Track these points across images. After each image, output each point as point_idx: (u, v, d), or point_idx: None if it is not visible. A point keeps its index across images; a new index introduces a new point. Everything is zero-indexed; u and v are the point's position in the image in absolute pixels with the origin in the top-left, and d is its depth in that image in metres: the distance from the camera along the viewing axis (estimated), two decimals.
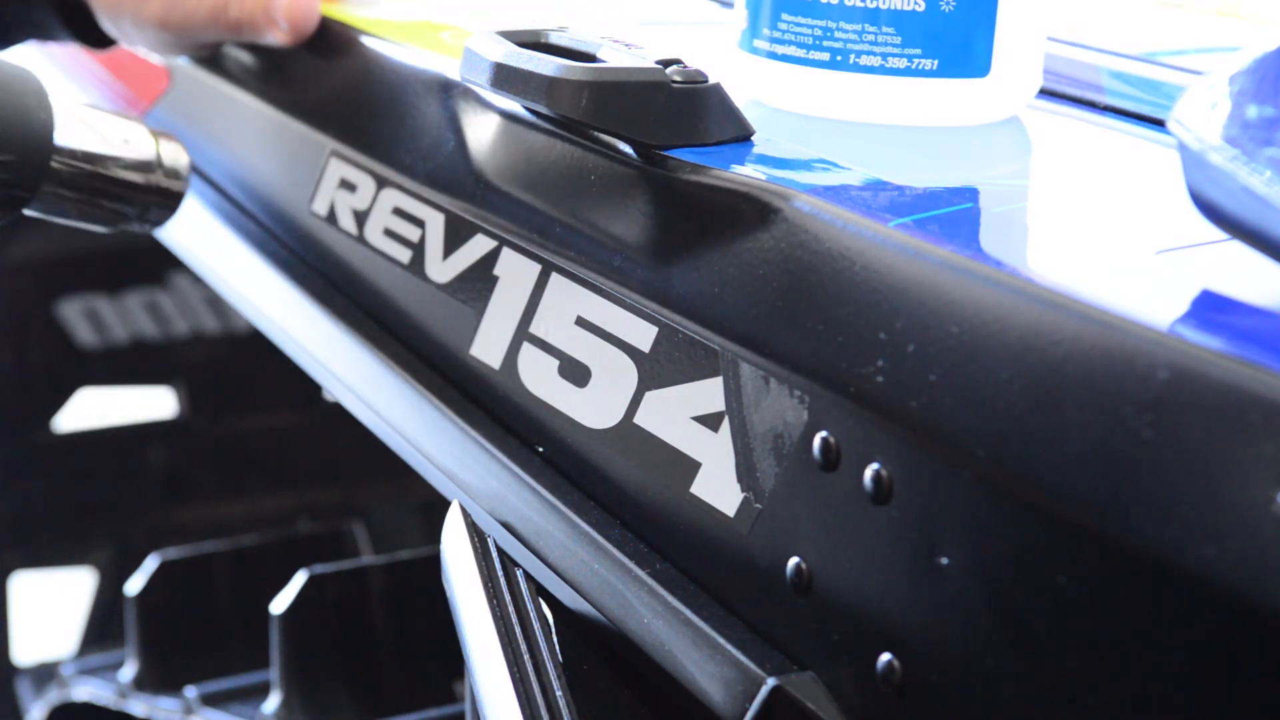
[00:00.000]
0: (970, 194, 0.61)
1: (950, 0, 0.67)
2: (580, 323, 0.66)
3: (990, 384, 0.47)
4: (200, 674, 1.22)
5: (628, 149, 0.65)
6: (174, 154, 0.81)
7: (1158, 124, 0.71)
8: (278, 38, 0.88)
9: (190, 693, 1.19)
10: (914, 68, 0.68)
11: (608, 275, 0.64)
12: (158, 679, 1.27)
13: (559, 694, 0.59)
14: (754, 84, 0.71)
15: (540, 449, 0.68)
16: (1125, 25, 1.04)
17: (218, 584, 1.33)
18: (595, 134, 0.66)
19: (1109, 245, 0.55)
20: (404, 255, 0.78)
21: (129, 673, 1.28)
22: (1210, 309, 0.47)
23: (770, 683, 0.54)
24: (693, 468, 0.59)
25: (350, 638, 1.08)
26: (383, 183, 0.80)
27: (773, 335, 0.56)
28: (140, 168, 0.80)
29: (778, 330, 0.56)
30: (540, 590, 0.65)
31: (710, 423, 0.59)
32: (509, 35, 0.69)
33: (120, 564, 1.57)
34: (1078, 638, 0.45)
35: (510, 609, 0.62)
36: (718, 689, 0.56)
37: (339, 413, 0.94)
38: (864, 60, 0.68)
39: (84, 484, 1.62)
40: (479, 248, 0.72)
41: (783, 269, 0.56)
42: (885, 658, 0.51)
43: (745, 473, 0.57)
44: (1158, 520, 0.42)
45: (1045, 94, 0.76)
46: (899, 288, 0.52)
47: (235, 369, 1.64)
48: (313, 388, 1.50)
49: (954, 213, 0.56)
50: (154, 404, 1.71)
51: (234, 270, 0.95)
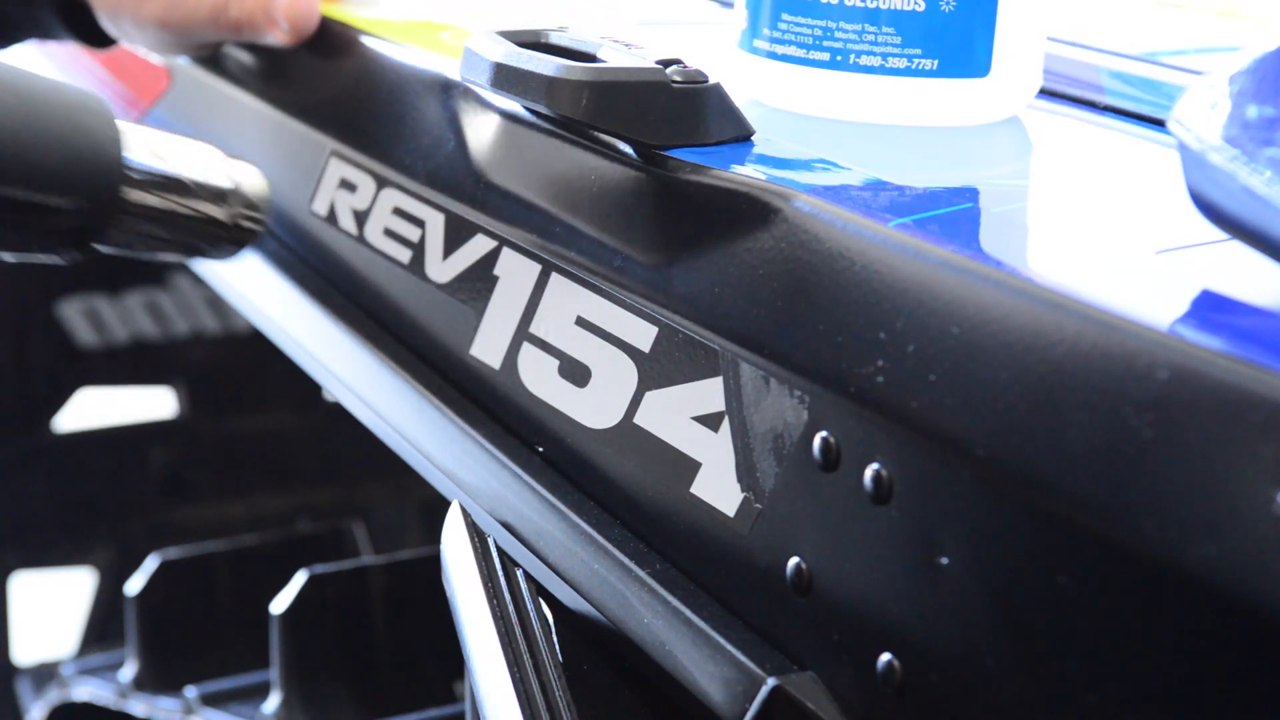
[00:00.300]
0: (970, 194, 0.61)
1: (950, 0, 0.67)
2: (580, 323, 0.66)
3: (990, 384, 0.47)
4: (200, 674, 1.22)
5: (628, 149, 0.65)
6: (251, 182, 0.76)
7: (1158, 124, 0.71)
8: (278, 38, 0.88)
9: (190, 693, 1.19)
10: (914, 68, 0.68)
11: (608, 275, 0.64)
12: (158, 679, 1.27)
13: (559, 694, 0.59)
14: (754, 84, 0.71)
15: (540, 449, 0.68)
16: (1125, 25, 1.04)
17: (218, 584, 1.33)
18: (595, 134, 0.66)
19: (1109, 245, 0.55)
20: (404, 255, 0.78)
21: (129, 673, 1.28)
22: (1210, 309, 0.47)
23: (770, 683, 0.54)
24: (693, 468, 0.59)
25: (350, 638, 1.08)
26: (383, 183, 0.80)
27: (773, 335, 0.56)
28: (216, 198, 0.75)
29: (778, 330, 0.56)
30: (540, 590, 0.65)
31: (710, 423, 0.59)
32: (509, 35, 0.69)
33: (120, 564, 1.57)
34: (1078, 638, 0.45)
35: (510, 609, 0.62)
36: (718, 689, 0.56)
37: (339, 413, 0.94)
38: (864, 60, 0.68)
39: (84, 484, 1.62)
40: (479, 248, 0.72)
41: (783, 269, 0.56)
42: (885, 658, 0.51)
43: (745, 473, 0.57)
44: (1158, 520, 0.42)
45: (1045, 94, 0.76)
46: (899, 288, 0.52)
47: (235, 369, 1.64)
48: (313, 388, 1.50)
49: (954, 213, 0.56)
50: (154, 404, 1.71)
51: (234, 270, 0.95)
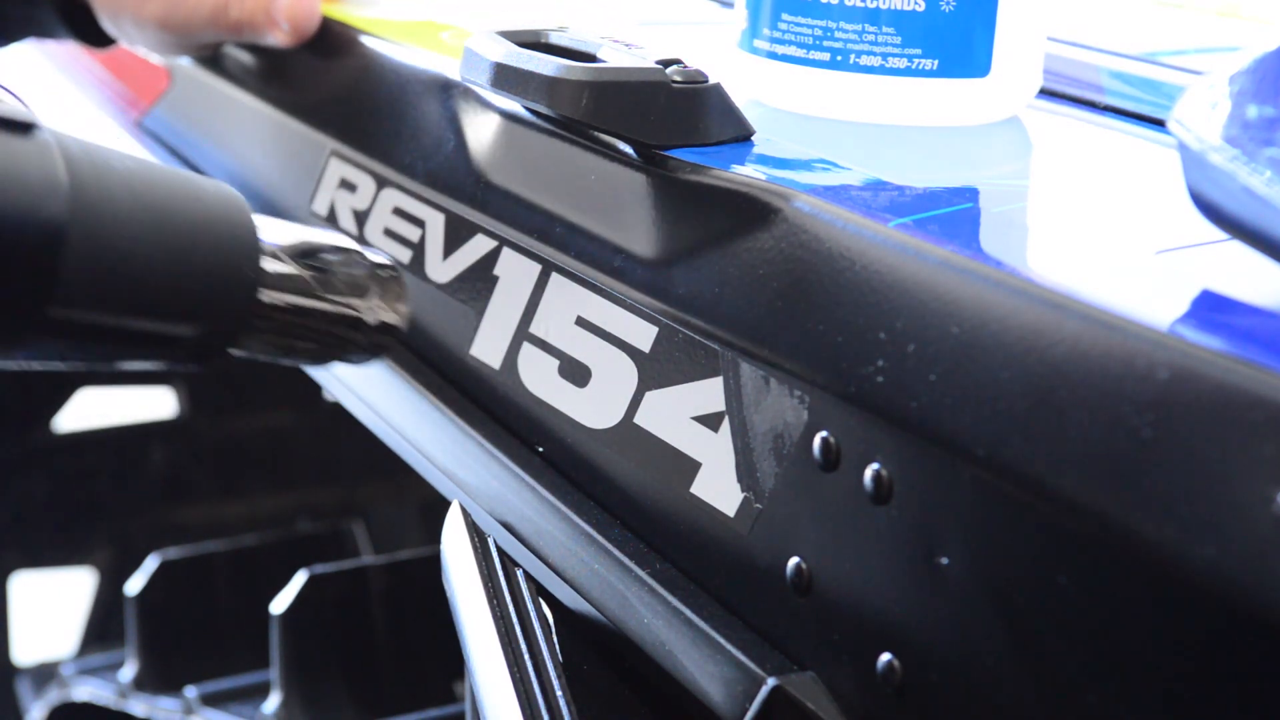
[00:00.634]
0: (970, 194, 0.61)
1: (950, 0, 0.67)
2: (580, 323, 0.66)
3: (990, 384, 0.47)
4: (200, 674, 1.22)
5: (628, 149, 0.65)
6: (389, 280, 0.66)
7: (1158, 124, 0.71)
8: (279, 38, 0.88)
9: (190, 693, 1.18)
10: (914, 68, 0.68)
11: (608, 275, 0.64)
12: (158, 679, 1.27)
13: (559, 694, 0.59)
14: (754, 84, 0.71)
15: (540, 449, 0.68)
16: (1125, 25, 1.04)
17: (218, 584, 1.33)
18: (595, 134, 0.66)
19: (1109, 245, 0.55)
20: (404, 255, 0.78)
21: (129, 673, 1.28)
22: (1210, 309, 0.47)
23: (770, 683, 0.54)
24: (693, 468, 0.59)
25: (350, 638, 1.08)
26: (383, 183, 0.80)
27: (773, 335, 0.56)
28: (351, 306, 0.65)
29: (778, 330, 0.56)
30: (540, 590, 0.65)
31: (710, 423, 0.59)
32: (509, 35, 0.69)
33: (120, 564, 1.57)
34: (1078, 638, 0.45)
35: (510, 609, 0.62)
36: (718, 689, 0.56)
37: (339, 413, 0.94)
38: (864, 60, 0.68)
39: (84, 484, 1.62)
40: (479, 248, 0.72)
41: (783, 269, 0.56)
42: (885, 658, 0.51)
43: (745, 473, 0.57)
44: (1158, 520, 0.42)
45: (1045, 94, 0.76)
46: (899, 288, 0.52)
47: (235, 369, 1.63)
48: (313, 388, 1.50)
49: (954, 213, 0.56)
50: (154, 404, 1.71)
51: None
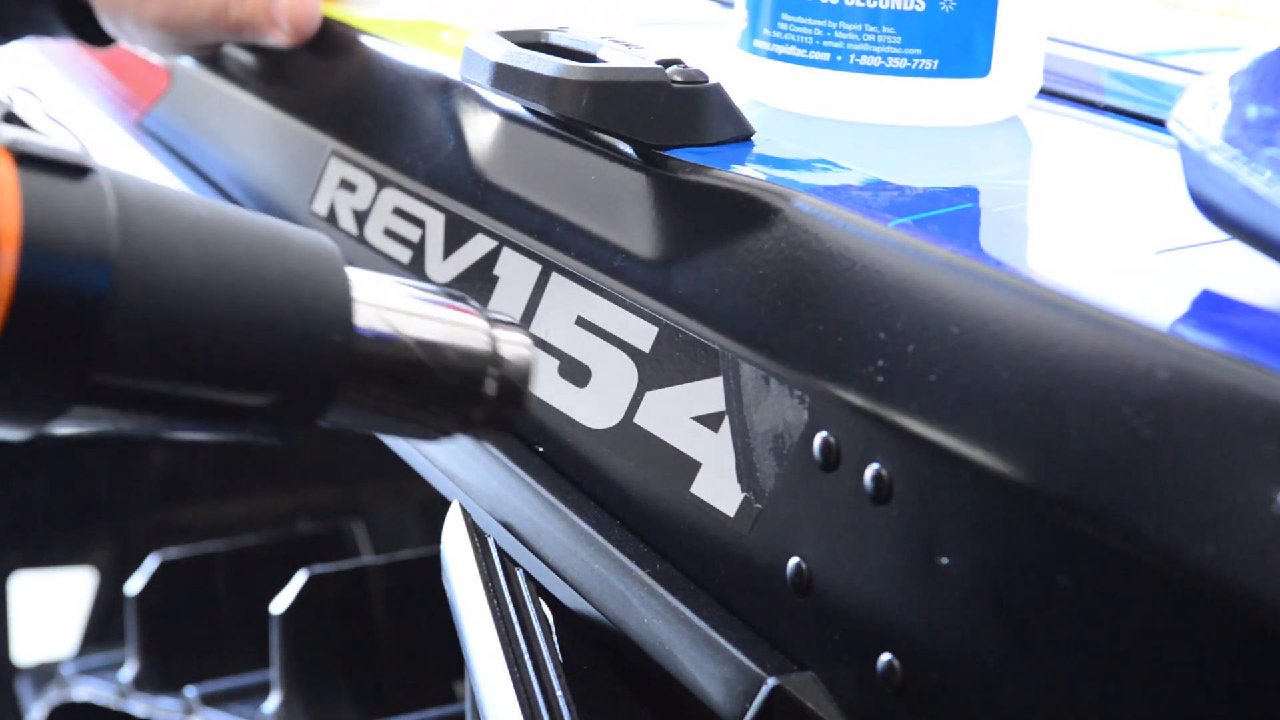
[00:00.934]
0: (970, 194, 0.61)
1: (950, 0, 0.67)
2: (580, 323, 0.66)
3: (990, 384, 0.47)
4: (200, 674, 1.22)
5: (628, 149, 0.65)
6: (515, 356, 0.57)
7: (1158, 124, 0.71)
8: (279, 39, 0.88)
9: (190, 693, 1.18)
10: (914, 68, 0.68)
11: (608, 275, 0.64)
12: (158, 679, 1.27)
13: (559, 694, 0.59)
14: (754, 84, 0.71)
15: (540, 449, 0.68)
16: (1125, 25, 1.04)
17: (218, 584, 1.33)
18: (595, 134, 0.66)
19: (1109, 245, 0.55)
20: (404, 255, 0.78)
21: (129, 673, 1.28)
22: (1210, 309, 0.47)
23: (770, 683, 0.54)
24: (693, 468, 0.59)
25: (350, 638, 1.08)
26: (383, 183, 0.80)
27: (773, 335, 0.56)
28: (463, 379, 0.56)
29: (778, 330, 0.56)
30: (540, 590, 0.65)
31: (710, 423, 0.59)
32: (509, 35, 0.69)
33: (120, 564, 1.57)
34: (1078, 638, 0.45)
35: (510, 609, 0.62)
36: (718, 689, 0.56)
37: None
38: (864, 60, 0.68)
39: (84, 484, 1.62)
40: (479, 248, 0.72)
41: (783, 269, 0.56)
42: (885, 658, 0.51)
43: (745, 473, 0.57)
44: (1158, 520, 0.42)
45: (1045, 94, 0.76)
46: (899, 288, 0.52)
47: None
48: None
49: (954, 213, 0.56)
50: None
51: None
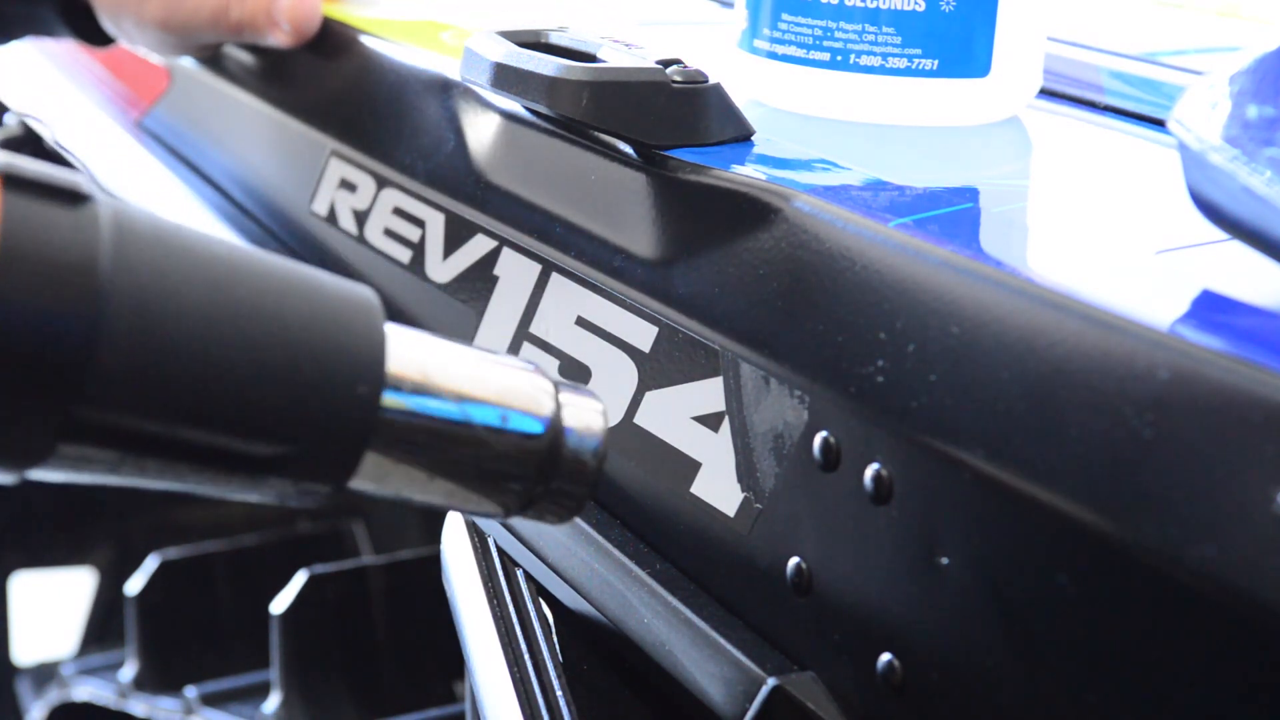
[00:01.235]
0: (970, 194, 0.61)
1: (950, 0, 0.67)
2: (580, 323, 0.66)
3: (990, 384, 0.47)
4: (200, 674, 1.22)
5: (628, 149, 0.65)
6: (583, 428, 0.51)
7: (1158, 124, 0.71)
8: (279, 39, 0.88)
9: (190, 693, 1.19)
10: (914, 68, 0.68)
11: (608, 275, 0.64)
12: (158, 679, 1.27)
13: (559, 694, 0.59)
14: (754, 84, 0.71)
15: None
16: (1125, 25, 1.04)
17: (218, 584, 1.33)
18: (595, 134, 0.66)
19: (1109, 245, 0.55)
20: (404, 255, 0.78)
21: (129, 673, 1.28)
22: (1210, 309, 0.47)
23: (770, 683, 0.54)
24: (693, 468, 0.59)
25: (350, 638, 1.08)
26: (383, 183, 0.80)
27: (773, 335, 0.56)
28: (516, 454, 0.50)
29: (778, 330, 0.56)
30: (540, 590, 0.65)
31: (710, 423, 0.59)
32: (509, 35, 0.69)
33: (120, 564, 1.57)
34: (1078, 638, 0.45)
35: (510, 609, 0.62)
36: (718, 689, 0.56)
37: None
38: (864, 60, 0.68)
39: (84, 484, 1.62)
40: (479, 248, 0.72)
41: (783, 269, 0.56)
42: (885, 658, 0.51)
43: (745, 473, 0.57)
44: (1158, 520, 0.42)
45: (1045, 94, 0.76)
46: (899, 288, 0.52)
47: None
48: None
49: (954, 213, 0.56)
50: None
51: None
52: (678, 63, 0.64)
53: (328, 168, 0.85)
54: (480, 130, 0.74)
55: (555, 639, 0.62)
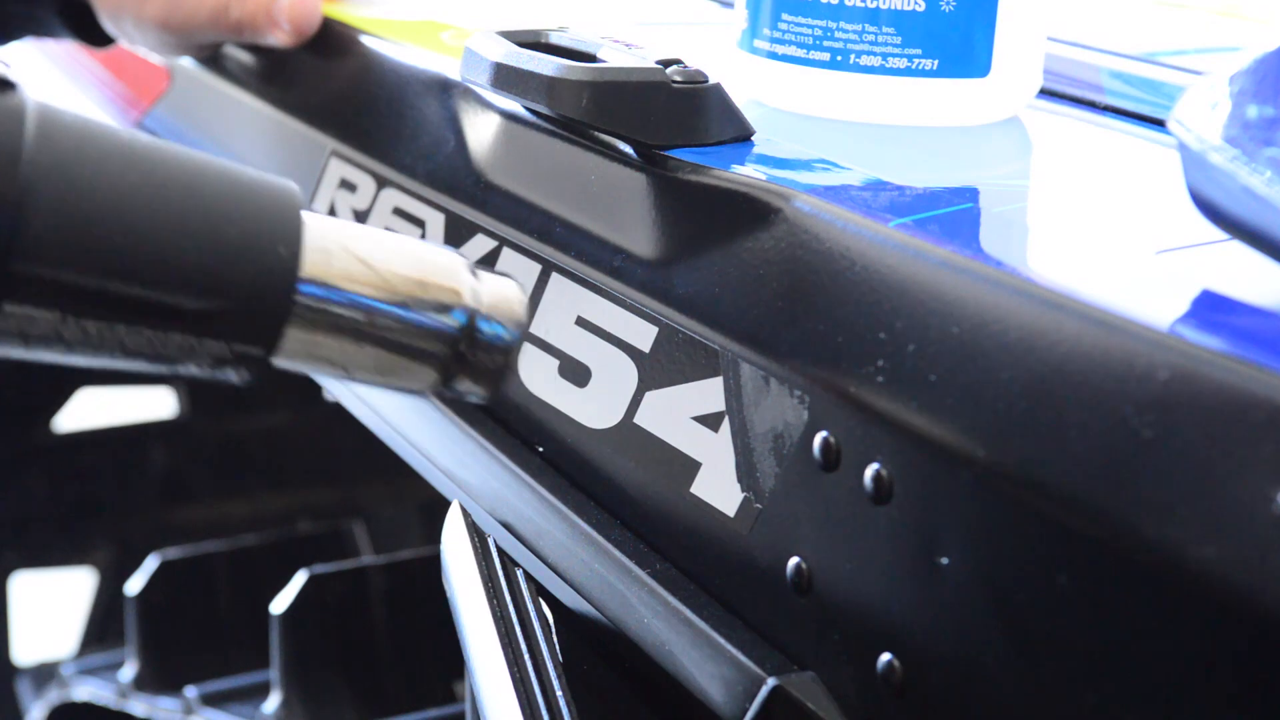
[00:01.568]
0: (970, 194, 0.61)
1: (950, 0, 0.67)
2: (580, 323, 0.66)
3: (990, 384, 0.47)
4: (200, 674, 1.22)
5: (628, 149, 0.65)
6: (499, 300, 0.56)
7: (1158, 124, 0.71)
8: (279, 39, 0.88)
9: (190, 693, 1.19)
10: (914, 68, 0.68)
11: (608, 275, 0.64)
12: (158, 679, 1.27)
13: (559, 694, 0.59)
14: (754, 84, 0.71)
15: (540, 449, 0.68)
16: (1125, 25, 1.04)
17: (218, 584, 1.33)
18: (595, 134, 0.66)
19: (1109, 245, 0.55)
20: None
21: (129, 673, 1.28)
22: (1210, 309, 0.47)
23: (770, 683, 0.54)
24: (693, 468, 0.59)
25: (350, 638, 1.08)
26: (383, 183, 0.80)
27: (773, 335, 0.56)
28: (437, 322, 0.55)
29: (778, 330, 0.56)
30: (540, 590, 0.65)
31: (710, 423, 0.59)
32: (509, 35, 0.69)
33: (120, 564, 1.57)
34: (1078, 638, 0.45)
35: (510, 609, 0.62)
36: (718, 689, 0.56)
37: (339, 413, 0.94)
38: (864, 60, 0.68)
39: (84, 484, 1.62)
40: (479, 248, 0.72)
41: (783, 269, 0.56)
42: (885, 658, 0.51)
43: (745, 473, 0.57)
44: (1158, 520, 0.42)
45: (1045, 94, 0.76)
46: (899, 288, 0.52)
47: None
48: (313, 388, 1.50)
49: (954, 213, 0.56)
50: (154, 404, 1.71)
51: None
52: (678, 63, 0.64)
53: (328, 168, 0.85)
54: (480, 130, 0.74)
55: (555, 639, 0.62)
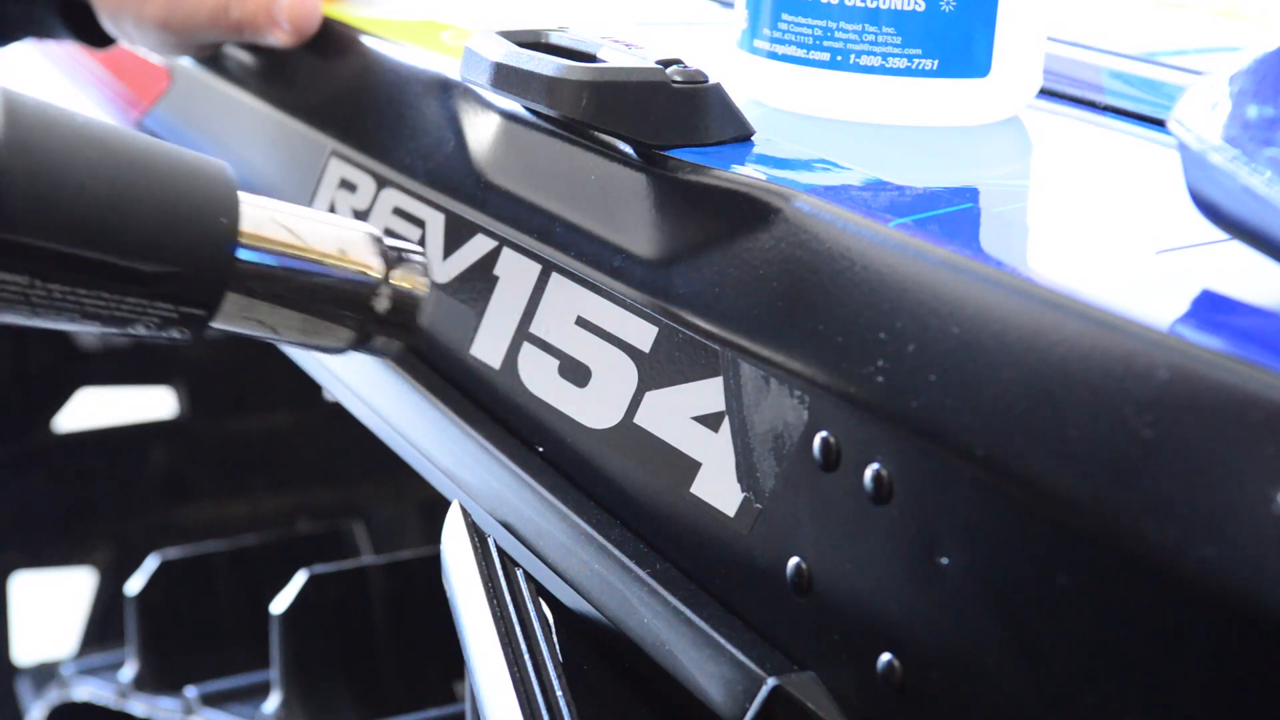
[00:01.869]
0: (970, 194, 0.61)
1: (950, 0, 0.67)
2: (580, 323, 0.66)
3: (990, 384, 0.47)
4: (200, 674, 1.22)
5: (628, 149, 0.65)
6: (409, 267, 0.65)
7: (1158, 124, 0.71)
8: (279, 38, 0.88)
9: (190, 693, 1.19)
10: (914, 68, 0.68)
11: (608, 275, 0.64)
12: (158, 679, 1.27)
13: (559, 694, 0.59)
14: (754, 84, 0.71)
15: (540, 449, 0.68)
16: (1125, 25, 1.04)
17: (218, 584, 1.33)
18: (595, 134, 0.66)
19: (1109, 245, 0.55)
20: None
21: (129, 673, 1.28)
22: (1210, 309, 0.47)
23: (770, 683, 0.54)
24: (693, 468, 0.59)
25: (350, 638, 1.08)
26: (383, 183, 0.80)
27: (773, 335, 0.56)
28: (356, 284, 0.64)
29: (778, 330, 0.56)
30: (540, 590, 0.65)
31: (710, 423, 0.59)
32: (509, 35, 0.69)
33: (120, 564, 1.57)
34: (1078, 638, 0.45)
35: (510, 609, 0.62)
36: (718, 689, 0.56)
37: (339, 413, 0.94)
38: (864, 60, 0.68)
39: (84, 484, 1.62)
40: (479, 248, 0.72)
41: (783, 269, 0.56)
42: (885, 658, 0.51)
43: (745, 473, 0.57)
44: (1158, 520, 0.42)
45: (1045, 94, 0.76)
46: (899, 288, 0.52)
47: (235, 369, 1.64)
48: (313, 388, 1.50)
49: (954, 213, 0.56)
50: (154, 404, 1.71)
51: None
52: (678, 63, 0.64)
53: (328, 168, 0.85)
54: (480, 130, 0.74)
55: (555, 639, 0.62)
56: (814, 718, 0.53)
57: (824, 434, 0.53)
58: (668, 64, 0.63)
